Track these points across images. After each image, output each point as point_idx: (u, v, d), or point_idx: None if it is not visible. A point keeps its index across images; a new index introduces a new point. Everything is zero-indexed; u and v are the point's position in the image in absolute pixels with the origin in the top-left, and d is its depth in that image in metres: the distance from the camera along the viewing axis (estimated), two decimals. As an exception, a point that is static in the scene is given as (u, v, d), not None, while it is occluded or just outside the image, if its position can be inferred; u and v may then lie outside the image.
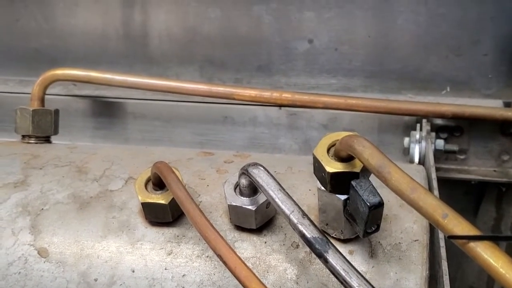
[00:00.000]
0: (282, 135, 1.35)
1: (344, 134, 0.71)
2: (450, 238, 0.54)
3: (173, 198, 0.81)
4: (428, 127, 1.16)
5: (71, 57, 1.43)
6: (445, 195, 0.59)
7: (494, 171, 1.25)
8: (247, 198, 0.80)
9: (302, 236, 0.69)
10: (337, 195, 0.73)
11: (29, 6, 1.42)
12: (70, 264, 0.85)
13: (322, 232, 0.70)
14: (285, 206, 0.72)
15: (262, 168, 0.76)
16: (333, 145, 0.72)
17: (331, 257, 0.67)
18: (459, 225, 0.54)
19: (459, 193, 1.34)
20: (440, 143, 1.18)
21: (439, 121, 1.22)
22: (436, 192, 0.93)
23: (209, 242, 0.71)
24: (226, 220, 0.85)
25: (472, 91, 1.26)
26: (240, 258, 0.68)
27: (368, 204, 0.67)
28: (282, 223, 0.84)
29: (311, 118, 1.32)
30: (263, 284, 0.65)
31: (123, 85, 1.28)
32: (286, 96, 1.21)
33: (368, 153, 0.64)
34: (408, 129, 1.24)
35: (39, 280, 0.85)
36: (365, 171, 0.70)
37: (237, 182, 0.81)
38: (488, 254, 0.52)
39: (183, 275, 0.82)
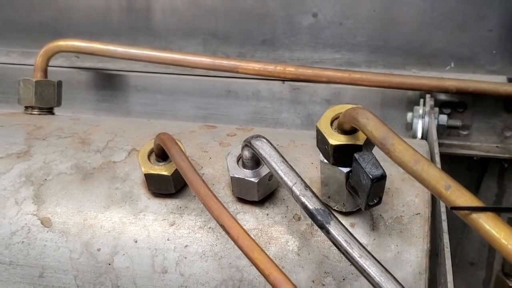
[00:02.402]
0: (285, 110, 1.35)
1: (348, 106, 0.71)
2: (452, 209, 0.54)
3: (176, 170, 0.81)
4: (432, 102, 1.16)
5: (74, 29, 1.43)
6: (447, 170, 0.58)
7: (497, 147, 1.25)
8: (250, 171, 0.80)
9: (304, 207, 0.69)
10: (339, 167, 0.73)
11: (32, -22, 1.41)
12: (73, 234, 0.85)
13: (325, 204, 0.70)
14: (287, 177, 0.72)
15: (265, 140, 0.76)
16: (336, 118, 0.72)
17: (333, 228, 0.67)
18: (462, 197, 0.54)
19: (461, 169, 1.35)
20: (443, 118, 1.18)
21: (442, 97, 1.22)
22: (438, 166, 0.93)
23: (212, 212, 0.71)
24: (229, 192, 0.86)
25: (476, 67, 1.25)
26: (243, 228, 0.68)
27: (371, 176, 0.67)
28: (284, 196, 0.84)
29: (314, 93, 1.31)
30: (265, 253, 0.65)
31: (126, 57, 1.28)
32: (290, 70, 1.21)
33: (371, 125, 0.64)
34: (411, 104, 1.24)
35: (42, 250, 0.86)
36: (368, 144, 0.70)
37: (240, 154, 0.81)
38: (490, 225, 0.52)
39: (186, 246, 0.82)
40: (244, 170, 0.80)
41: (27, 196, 0.89)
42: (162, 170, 0.83)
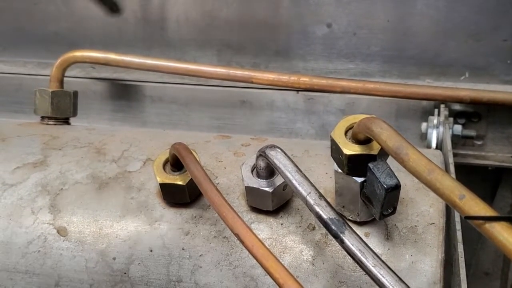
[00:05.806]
0: (299, 120, 1.35)
1: (362, 116, 0.71)
2: (466, 218, 0.54)
3: (190, 179, 0.82)
4: (446, 112, 1.15)
5: (89, 40, 1.44)
6: (462, 181, 0.58)
7: (511, 157, 1.25)
8: (264, 180, 0.80)
9: (319, 217, 0.70)
10: (354, 177, 0.73)
11: (48, -11, 1.43)
12: (89, 243, 0.86)
13: (339, 213, 0.70)
14: (302, 187, 0.72)
15: (280, 150, 0.76)
16: (351, 128, 0.72)
17: (347, 238, 0.67)
18: (476, 206, 0.54)
19: (476, 179, 1.34)
20: (458, 128, 1.18)
21: (457, 107, 1.22)
22: (453, 176, 0.93)
23: (227, 221, 0.71)
24: (243, 202, 0.86)
25: (491, 77, 1.25)
26: (257, 237, 0.69)
27: (385, 186, 0.67)
28: (298, 205, 0.84)
29: (328, 103, 1.31)
30: (280, 262, 0.65)
31: (141, 67, 1.29)
32: (304, 80, 1.21)
33: (386, 135, 0.64)
34: (426, 114, 1.23)
35: (58, 259, 0.86)
36: (383, 154, 0.70)
37: (254, 164, 0.81)
38: (504, 235, 0.52)
39: (200, 255, 0.83)
40: (259, 179, 0.80)
41: (43, 206, 0.90)
42: (177, 179, 0.83)
